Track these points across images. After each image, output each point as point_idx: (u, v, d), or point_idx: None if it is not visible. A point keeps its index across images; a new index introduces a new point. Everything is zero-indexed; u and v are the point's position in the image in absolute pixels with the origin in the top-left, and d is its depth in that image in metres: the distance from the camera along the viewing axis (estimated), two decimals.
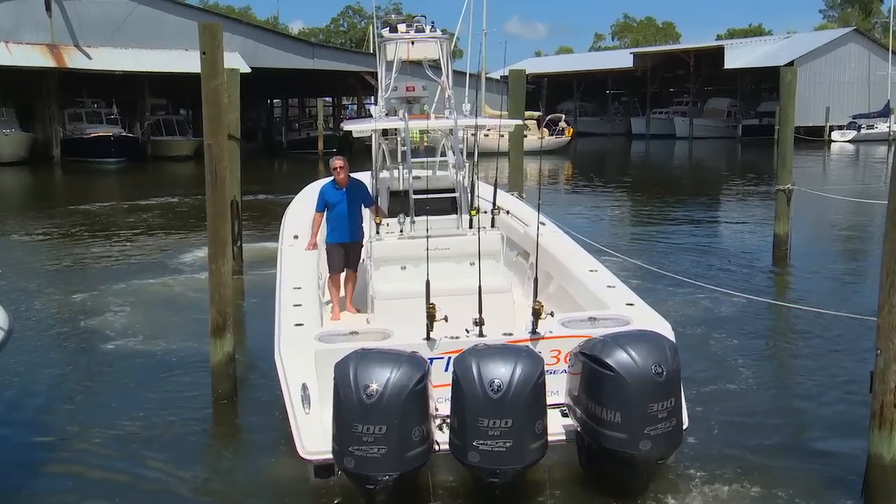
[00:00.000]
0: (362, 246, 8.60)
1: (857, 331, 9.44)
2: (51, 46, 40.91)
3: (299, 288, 7.55)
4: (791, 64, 48.12)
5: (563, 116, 57.55)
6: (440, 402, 5.63)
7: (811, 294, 12.03)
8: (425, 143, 9.66)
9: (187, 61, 37.76)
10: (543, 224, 8.79)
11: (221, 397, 7.77)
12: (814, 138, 53.03)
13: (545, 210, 9.67)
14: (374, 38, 10.53)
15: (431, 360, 5.83)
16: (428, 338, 6.04)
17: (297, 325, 6.57)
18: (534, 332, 6.17)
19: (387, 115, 8.73)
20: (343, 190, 8.55)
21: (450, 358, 5.84)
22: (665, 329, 6.36)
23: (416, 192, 7.97)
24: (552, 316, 6.32)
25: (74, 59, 41.18)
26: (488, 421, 5.08)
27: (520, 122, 12.13)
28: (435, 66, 9.11)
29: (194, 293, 11.85)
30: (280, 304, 7.21)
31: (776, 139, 22.57)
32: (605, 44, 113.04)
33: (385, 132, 8.76)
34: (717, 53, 65.57)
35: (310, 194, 9.88)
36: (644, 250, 15.82)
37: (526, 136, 17.08)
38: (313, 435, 5.65)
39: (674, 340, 5.88)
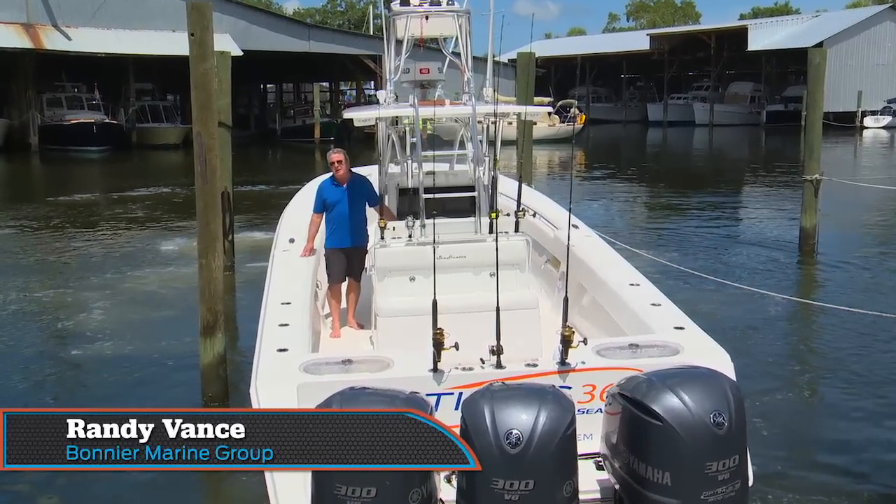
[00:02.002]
0: (366, 251, 8.08)
1: (891, 330, 9.44)
2: (26, 26, 40.89)
3: (288, 303, 6.94)
4: (820, 45, 47.97)
5: (575, 102, 57.49)
6: None
7: (840, 291, 12.03)
8: (427, 133, 9.16)
9: (175, 43, 37.82)
10: (576, 227, 8.24)
11: (211, 401, 7.78)
12: (844, 124, 52.92)
13: (564, 204, 9.55)
14: (381, 17, 10.04)
15: (439, 396, 5.38)
16: (435, 369, 5.45)
17: (281, 350, 5.98)
18: (563, 362, 5.56)
19: (395, 100, 8.22)
20: (343, 187, 8.02)
21: (461, 394, 5.28)
22: (724, 362, 5.71)
23: (427, 191, 7.26)
24: (585, 344, 5.70)
25: (53, 40, 41.19)
26: (504, 482, 4.38)
27: (549, 109, 11.70)
28: (440, 48, 8.87)
29: (183, 289, 11.89)
30: (263, 324, 6.59)
31: (803, 126, 22.57)
32: (619, 25, 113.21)
33: (392, 121, 8.25)
34: (740, 34, 65.43)
35: (310, 193, 9.27)
36: (661, 245, 15.85)
37: (535, 124, 17.08)
38: (292, 492, 4.95)
39: (735, 378, 5.22)
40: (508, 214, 7.80)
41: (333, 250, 8.08)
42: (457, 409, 5.05)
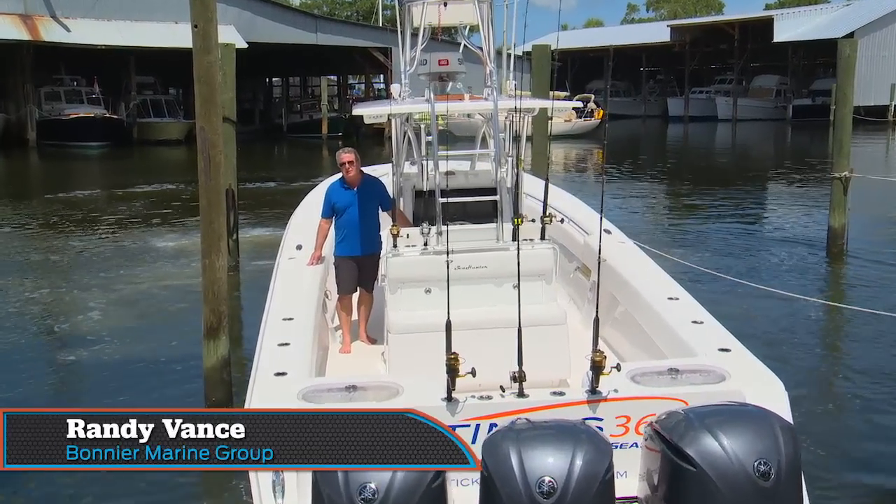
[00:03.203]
0: (379, 259, 7.67)
1: None
2: (24, 17, 41.06)
3: (290, 319, 6.64)
4: (851, 35, 47.81)
5: (593, 97, 57.53)
6: (465, 483, 4.71)
7: (871, 294, 11.97)
8: (440, 129, 8.99)
9: (177, 35, 38.04)
10: (608, 232, 7.98)
11: (215, 405, 7.79)
12: (876, 119, 52.57)
13: (590, 204, 9.46)
14: (391, 7, 9.87)
15: (454, 427, 5.02)
16: (449, 398, 5.03)
17: (279, 374, 5.65)
18: (593, 390, 5.12)
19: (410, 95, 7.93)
20: (354, 190, 7.74)
21: (478, 425, 4.98)
22: (776, 393, 5.17)
23: (445, 193, 6.92)
24: (618, 369, 5.24)
25: (51, 32, 41.38)
26: None
27: (578, 104, 11.56)
28: (452, 41, 8.75)
29: (185, 289, 11.96)
30: (262, 343, 6.27)
31: (832, 121, 22.51)
32: (639, 15, 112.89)
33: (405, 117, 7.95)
34: (766, 25, 65.16)
35: (319, 196, 8.91)
36: (685, 245, 15.85)
37: (551, 119, 17.09)
38: None
39: (789, 418, 4.73)
40: (534, 220, 7.42)
41: (343, 258, 7.81)
42: (474, 442, 4.76)
